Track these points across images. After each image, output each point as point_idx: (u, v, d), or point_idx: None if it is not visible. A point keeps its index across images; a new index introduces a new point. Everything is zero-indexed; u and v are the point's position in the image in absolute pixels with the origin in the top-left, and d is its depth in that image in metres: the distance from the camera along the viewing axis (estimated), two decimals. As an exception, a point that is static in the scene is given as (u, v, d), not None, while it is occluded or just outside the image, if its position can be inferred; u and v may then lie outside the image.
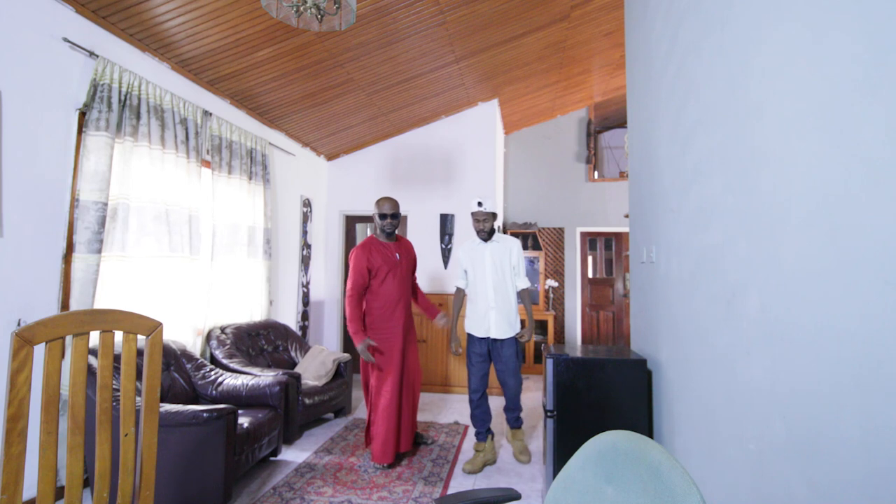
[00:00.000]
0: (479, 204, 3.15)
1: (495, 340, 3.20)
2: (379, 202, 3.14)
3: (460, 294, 3.39)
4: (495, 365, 3.23)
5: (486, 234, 3.21)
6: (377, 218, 3.15)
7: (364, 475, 2.95)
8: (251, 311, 4.22)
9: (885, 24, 0.90)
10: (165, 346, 3.07)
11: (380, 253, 3.13)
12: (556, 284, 6.83)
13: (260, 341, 4.02)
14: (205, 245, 3.72)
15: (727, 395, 1.56)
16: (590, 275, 7.02)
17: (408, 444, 3.19)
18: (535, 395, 5.15)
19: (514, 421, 3.34)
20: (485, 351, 3.21)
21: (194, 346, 3.53)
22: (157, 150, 3.16)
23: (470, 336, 3.25)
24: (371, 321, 3.12)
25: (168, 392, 2.92)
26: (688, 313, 1.94)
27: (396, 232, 3.33)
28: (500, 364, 3.20)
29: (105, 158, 2.74)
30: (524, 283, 3.27)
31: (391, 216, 3.14)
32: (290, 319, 5.14)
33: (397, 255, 3.20)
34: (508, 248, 3.24)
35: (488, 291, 3.20)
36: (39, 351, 1.25)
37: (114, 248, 2.86)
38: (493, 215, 3.20)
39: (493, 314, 3.18)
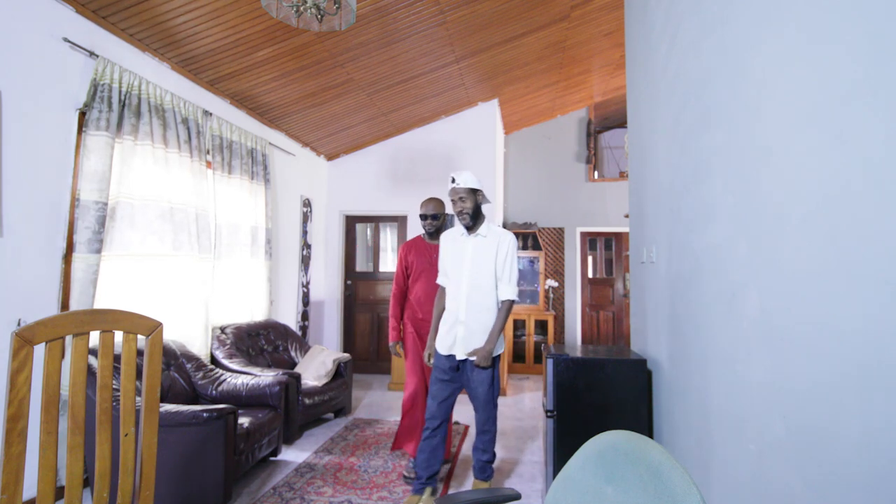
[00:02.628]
0: (453, 180, 2.52)
1: (462, 361, 2.57)
2: (422, 203, 3.05)
3: (443, 294, 2.74)
4: (466, 390, 2.61)
5: (469, 219, 2.52)
6: (420, 218, 3.08)
7: (364, 475, 2.95)
8: (252, 311, 4.22)
9: (885, 25, 0.90)
10: (165, 345, 3.08)
11: (418, 252, 3.08)
12: (556, 284, 6.83)
13: (260, 341, 4.02)
14: (210, 244, 3.71)
15: (727, 395, 1.56)
16: (590, 275, 7.02)
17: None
18: (535, 395, 5.15)
19: (481, 470, 2.66)
20: (450, 370, 2.57)
21: (204, 344, 3.53)
22: (160, 150, 3.16)
23: (436, 349, 2.64)
24: (406, 318, 3.10)
25: (168, 392, 2.91)
26: (688, 313, 1.94)
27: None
28: (469, 391, 2.58)
29: (105, 158, 2.74)
30: (508, 293, 2.52)
31: (431, 217, 2.99)
32: (290, 319, 5.14)
33: (435, 255, 3.03)
34: (496, 245, 2.54)
35: (460, 300, 2.53)
36: (39, 351, 1.25)
37: (114, 248, 2.86)
38: (473, 192, 2.51)
39: (460, 330, 2.52)
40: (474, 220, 2.55)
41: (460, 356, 2.54)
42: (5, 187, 2.32)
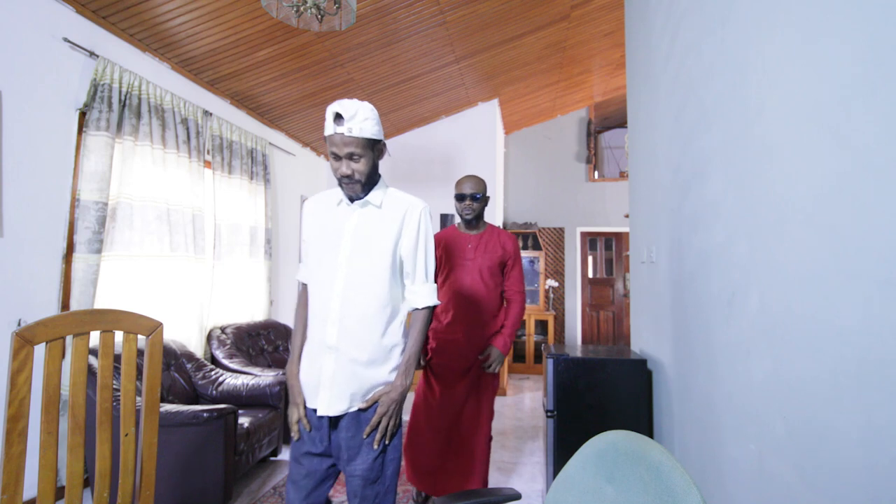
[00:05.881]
0: (338, 117, 1.36)
1: (334, 419, 1.45)
2: (460, 181, 2.38)
3: (306, 298, 1.58)
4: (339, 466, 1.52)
5: (360, 189, 1.47)
6: (455, 200, 2.42)
7: (364, 475, 2.94)
8: (252, 311, 4.22)
9: (885, 24, 0.90)
10: (166, 345, 3.07)
11: (447, 244, 2.44)
12: (556, 284, 6.83)
13: (260, 341, 4.02)
14: (207, 245, 3.72)
15: (727, 395, 1.56)
16: (590, 275, 7.02)
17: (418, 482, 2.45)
18: (535, 394, 5.15)
19: None
20: (321, 439, 1.49)
21: (199, 345, 3.53)
22: (158, 150, 3.16)
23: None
24: (432, 328, 2.45)
25: (168, 392, 2.91)
26: (688, 313, 1.94)
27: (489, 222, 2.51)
28: (344, 468, 1.49)
29: (105, 158, 2.74)
30: (425, 297, 1.50)
31: (470, 197, 2.34)
32: (291, 319, 5.14)
33: (469, 245, 2.41)
34: (399, 221, 1.48)
35: (330, 310, 1.43)
36: (40, 351, 1.25)
37: (114, 248, 2.86)
38: (373, 145, 1.46)
39: (329, 361, 1.42)
40: (368, 189, 1.51)
41: (327, 412, 1.41)
42: (5, 187, 2.32)
